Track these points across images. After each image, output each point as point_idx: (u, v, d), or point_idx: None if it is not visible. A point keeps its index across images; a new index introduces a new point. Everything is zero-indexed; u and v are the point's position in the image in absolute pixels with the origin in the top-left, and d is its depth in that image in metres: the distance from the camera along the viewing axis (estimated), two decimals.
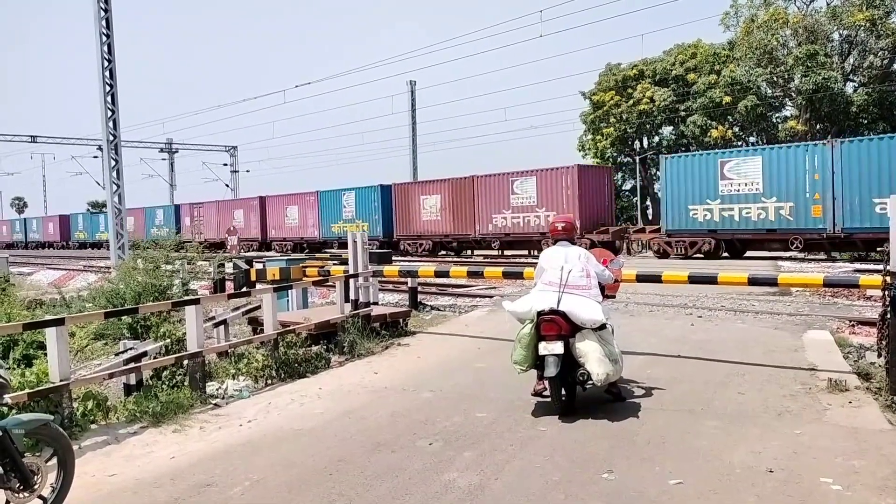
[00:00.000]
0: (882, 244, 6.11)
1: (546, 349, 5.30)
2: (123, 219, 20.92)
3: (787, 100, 35.33)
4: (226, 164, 54.99)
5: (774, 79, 34.01)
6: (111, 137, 20.22)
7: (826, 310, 10.72)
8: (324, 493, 4.09)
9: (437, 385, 6.61)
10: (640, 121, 39.52)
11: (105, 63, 19.96)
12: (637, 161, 41.51)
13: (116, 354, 7.12)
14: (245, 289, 10.57)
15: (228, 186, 53.99)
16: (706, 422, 5.20)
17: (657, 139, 42.44)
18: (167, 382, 6.32)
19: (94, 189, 77.57)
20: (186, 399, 6.01)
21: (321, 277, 10.46)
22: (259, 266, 12.06)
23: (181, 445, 5.12)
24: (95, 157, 46.76)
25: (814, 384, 6.15)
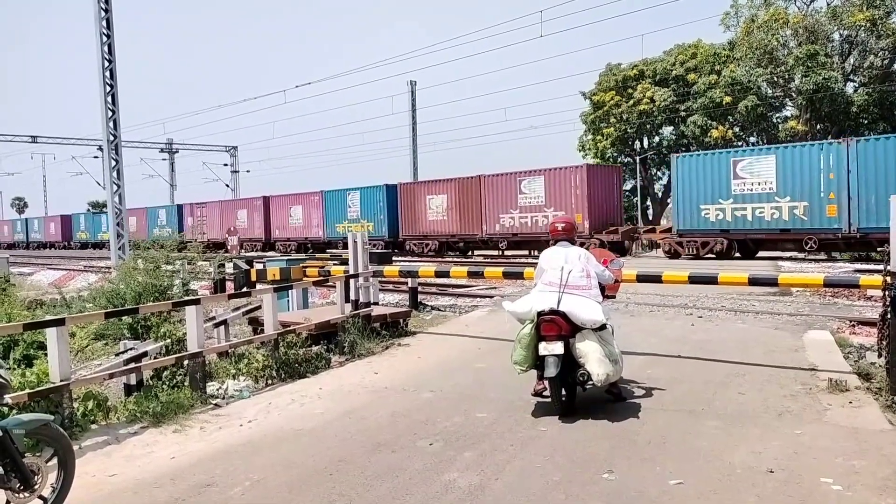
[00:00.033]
0: None
1: (546, 349, 5.30)
2: (124, 219, 20.94)
3: (788, 100, 35.30)
4: (226, 165, 55.07)
5: (775, 79, 33.99)
6: (111, 137, 20.24)
7: (826, 310, 10.71)
8: (324, 494, 4.10)
9: (438, 385, 6.61)
10: (641, 121, 39.50)
11: (105, 63, 19.98)
12: (637, 161, 41.50)
13: (117, 355, 7.13)
14: (245, 289, 10.57)
15: (229, 187, 54.05)
16: (707, 422, 5.20)
17: (657, 139, 42.42)
18: (167, 382, 6.32)
19: (95, 189, 77.63)
20: (187, 399, 6.01)
21: (321, 278, 10.46)
22: (259, 266, 12.06)
23: (181, 445, 5.13)
24: (96, 158, 46.89)
25: (814, 384, 6.15)
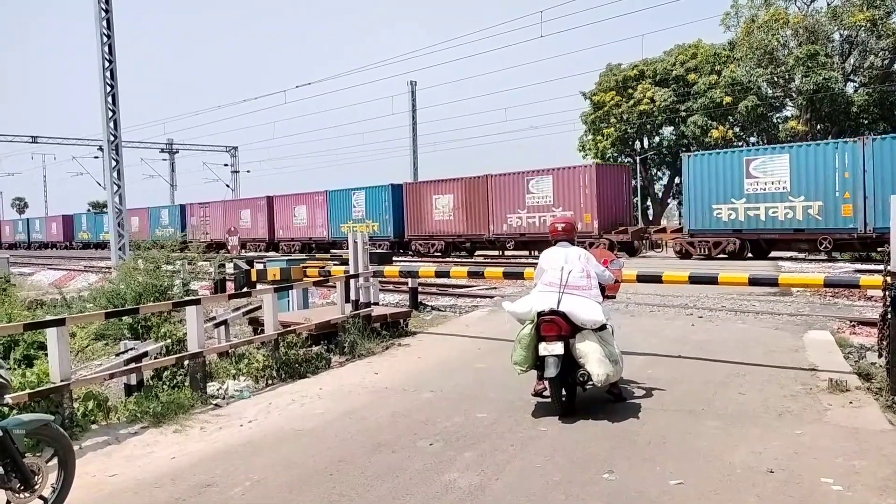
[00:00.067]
0: None
1: (546, 350, 5.29)
2: (124, 219, 20.95)
3: (788, 100, 35.30)
4: (226, 165, 55.10)
5: (775, 79, 33.99)
6: (112, 138, 20.25)
7: (827, 310, 10.71)
8: (324, 494, 4.10)
9: (438, 385, 6.61)
10: (641, 121, 39.50)
11: (106, 63, 19.99)
12: (637, 161, 41.49)
13: (117, 355, 7.13)
14: (245, 289, 10.57)
15: (229, 187, 54.08)
16: (707, 422, 5.20)
17: (657, 139, 42.42)
18: (168, 383, 6.32)
19: (95, 189, 77.72)
20: (187, 399, 6.01)
21: (322, 278, 10.46)
22: (259, 266, 12.07)
23: (182, 446, 5.13)
24: (96, 158, 46.95)
25: (814, 384, 6.15)
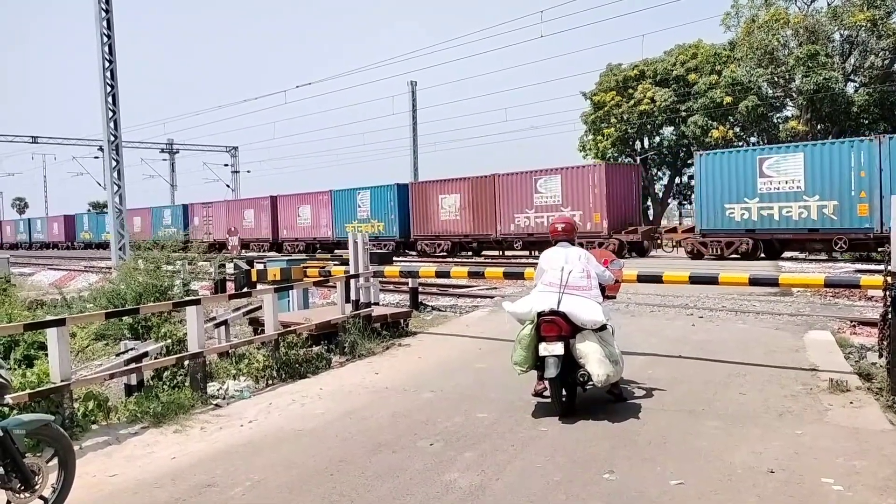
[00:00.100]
0: None
1: (546, 350, 5.29)
2: (124, 219, 20.95)
3: (788, 100, 35.23)
4: (227, 165, 55.07)
5: (775, 79, 33.95)
6: (112, 138, 20.26)
7: (827, 310, 10.70)
8: (325, 494, 4.10)
9: (438, 385, 6.61)
10: (641, 121, 39.46)
11: (106, 63, 20.00)
12: (638, 161, 41.47)
13: (117, 355, 7.13)
14: (246, 289, 10.57)
15: (229, 187, 54.05)
16: (707, 422, 5.20)
17: (658, 139, 42.39)
18: (168, 383, 6.32)
19: (96, 189, 77.78)
20: (187, 399, 6.01)
21: (322, 278, 10.46)
22: (260, 266, 12.07)
23: (182, 446, 5.13)
24: (96, 158, 46.97)
25: (815, 384, 6.15)
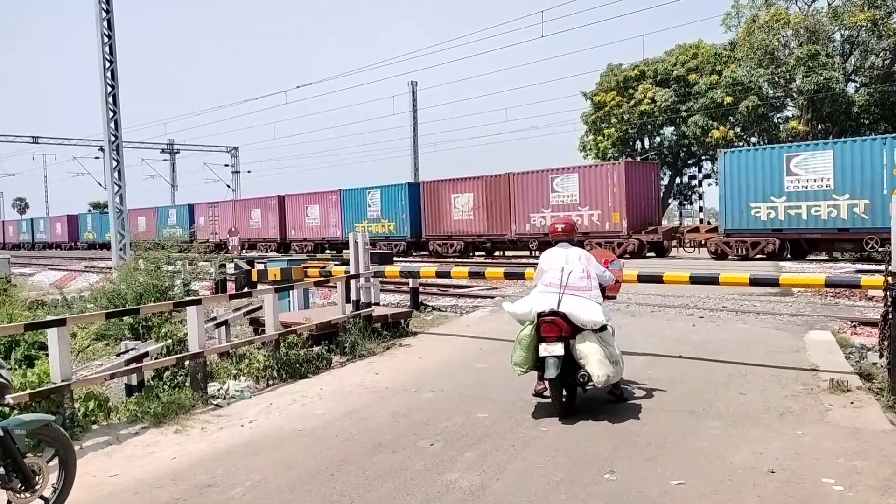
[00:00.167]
0: None
1: (546, 351, 5.29)
2: (125, 219, 20.95)
3: (789, 100, 35.22)
4: (227, 165, 55.08)
5: (776, 79, 33.94)
6: (112, 138, 20.26)
7: (828, 310, 10.70)
8: (325, 494, 4.10)
9: (439, 385, 6.61)
10: (642, 121, 39.47)
11: (106, 64, 20.00)
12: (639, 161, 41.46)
13: (118, 355, 7.13)
14: (246, 289, 10.57)
15: (230, 187, 54.04)
16: (708, 422, 5.20)
17: (658, 140, 42.39)
18: (168, 383, 6.33)
19: (96, 189, 77.78)
20: (188, 399, 6.02)
21: (322, 278, 10.46)
22: (260, 267, 12.07)
23: (182, 446, 5.13)
24: (97, 158, 47.01)
25: (815, 385, 6.15)
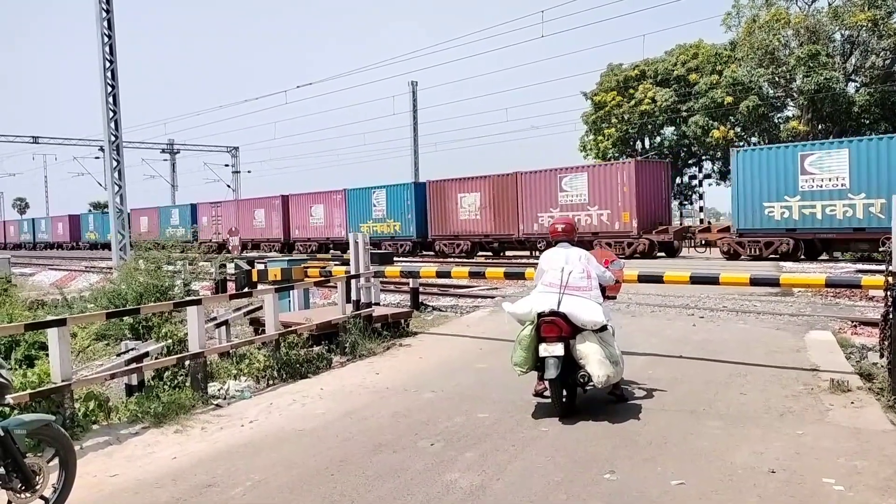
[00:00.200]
0: None
1: (546, 351, 5.28)
2: (125, 219, 20.95)
3: (789, 100, 35.23)
4: (227, 165, 55.07)
5: (776, 79, 33.94)
6: (113, 138, 20.25)
7: (828, 310, 10.69)
8: (325, 494, 4.10)
9: (439, 385, 6.61)
10: (642, 121, 39.47)
11: (107, 64, 19.99)
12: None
13: (118, 355, 7.13)
14: (247, 289, 10.57)
15: (230, 187, 54.03)
16: (708, 422, 5.19)
17: (658, 140, 42.39)
18: (169, 383, 6.32)
19: (96, 189, 77.77)
20: (188, 399, 6.02)
21: (323, 278, 10.46)
22: (261, 267, 12.07)
23: (183, 446, 5.13)
24: (97, 158, 47.02)
25: (816, 385, 6.15)
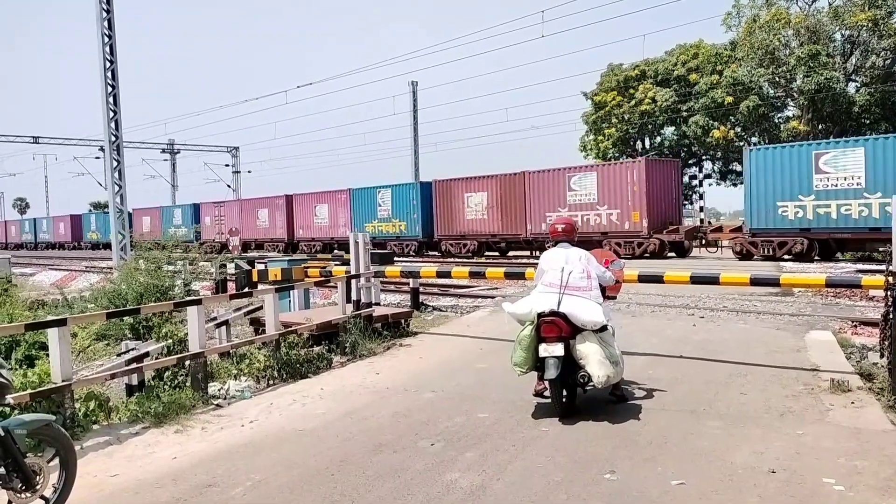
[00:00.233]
0: None
1: (546, 351, 5.28)
2: (125, 219, 20.96)
3: (790, 100, 35.22)
4: (227, 165, 55.06)
5: (776, 79, 33.93)
6: (113, 138, 20.26)
7: (828, 310, 10.69)
8: (325, 494, 4.10)
9: (439, 385, 6.61)
10: (642, 121, 39.47)
11: (107, 64, 20.00)
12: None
13: (118, 355, 7.13)
14: (247, 289, 10.57)
15: (230, 187, 54.03)
16: (708, 422, 5.19)
17: (659, 139, 42.38)
18: (169, 383, 6.33)
19: (97, 189, 77.74)
20: (188, 399, 6.02)
21: (323, 278, 10.46)
22: (261, 267, 12.07)
23: (183, 446, 5.13)
24: (97, 158, 47.01)
25: (816, 385, 6.15)
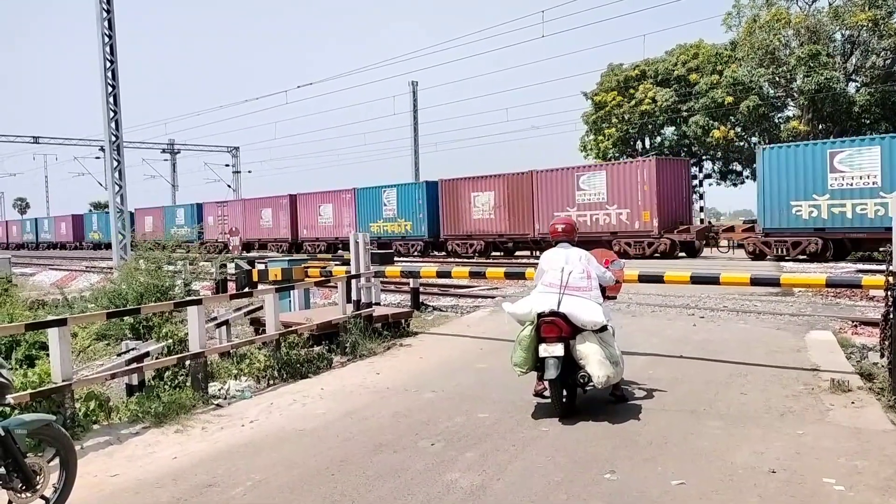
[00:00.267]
0: None
1: (546, 351, 5.28)
2: (125, 219, 20.96)
3: (790, 100, 35.19)
4: (227, 165, 55.07)
5: (776, 79, 33.91)
6: (113, 138, 20.27)
7: (828, 310, 10.69)
8: (326, 494, 4.10)
9: (439, 385, 6.61)
10: (642, 121, 39.45)
11: (107, 64, 20.01)
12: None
13: (118, 355, 7.13)
14: (247, 289, 10.57)
15: (230, 187, 54.04)
16: (708, 422, 5.19)
17: (659, 139, 42.37)
18: (169, 383, 6.33)
19: (97, 189, 77.59)
20: (188, 399, 6.02)
21: (323, 278, 10.46)
22: (261, 267, 12.07)
23: (183, 446, 5.13)
24: (98, 158, 47.03)
25: (816, 384, 6.15)
